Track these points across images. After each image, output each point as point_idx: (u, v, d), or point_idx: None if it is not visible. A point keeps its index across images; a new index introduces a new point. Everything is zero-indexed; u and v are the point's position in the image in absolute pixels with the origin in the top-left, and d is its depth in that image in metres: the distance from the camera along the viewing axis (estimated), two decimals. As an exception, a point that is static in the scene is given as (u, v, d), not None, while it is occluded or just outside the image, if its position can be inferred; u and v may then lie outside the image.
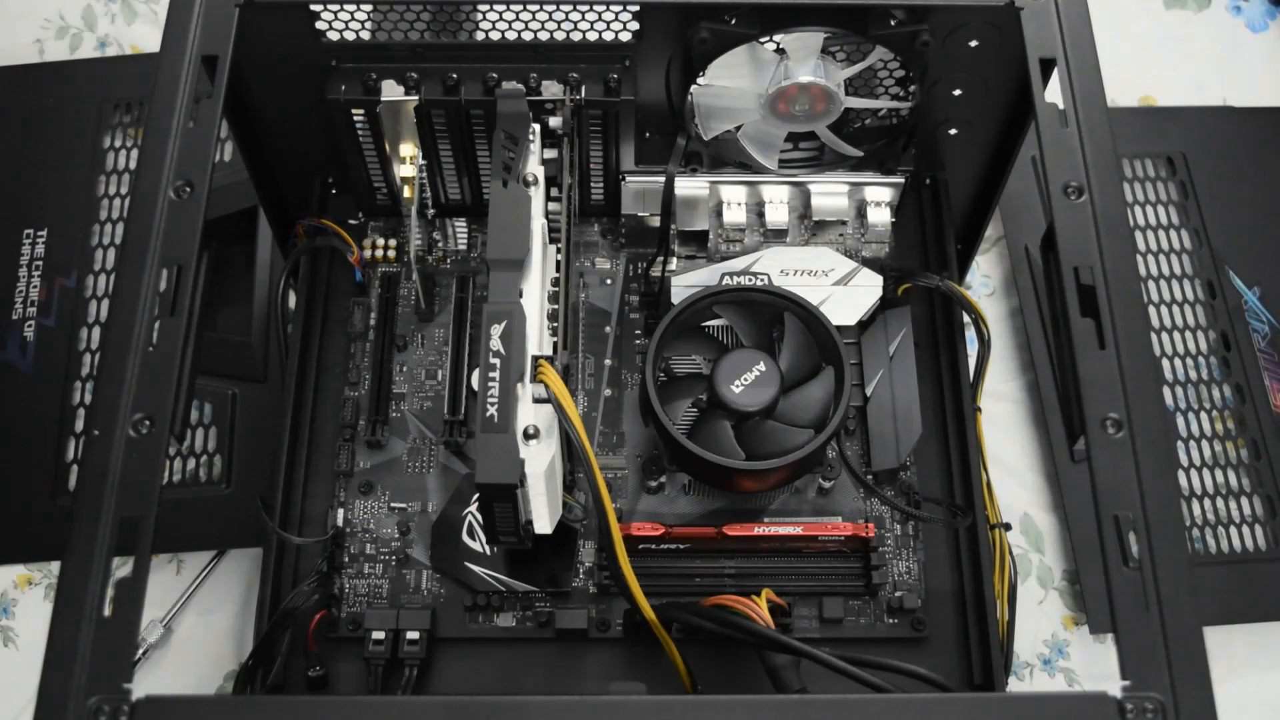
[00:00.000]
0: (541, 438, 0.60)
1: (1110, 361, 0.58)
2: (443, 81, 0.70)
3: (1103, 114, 0.64)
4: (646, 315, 0.80)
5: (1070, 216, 0.62)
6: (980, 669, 0.71)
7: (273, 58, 0.69)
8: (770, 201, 0.77)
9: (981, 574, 0.72)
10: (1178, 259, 0.96)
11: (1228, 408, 0.91)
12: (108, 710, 0.49)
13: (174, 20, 0.65)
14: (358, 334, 0.79)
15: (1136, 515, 0.54)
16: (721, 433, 0.69)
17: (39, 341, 0.91)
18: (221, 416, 0.88)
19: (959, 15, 0.67)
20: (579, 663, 0.72)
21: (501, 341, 0.60)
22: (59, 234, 0.95)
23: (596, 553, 0.73)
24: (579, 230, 0.82)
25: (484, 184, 0.79)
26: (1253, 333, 0.93)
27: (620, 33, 0.69)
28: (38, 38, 1.06)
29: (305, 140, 0.76)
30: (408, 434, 0.76)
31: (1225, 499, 0.87)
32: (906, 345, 0.77)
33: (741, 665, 0.70)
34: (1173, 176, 1.00)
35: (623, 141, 0.75)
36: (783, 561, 0.73)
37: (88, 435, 0.56)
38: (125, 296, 0.58)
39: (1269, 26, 1.09)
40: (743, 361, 0.70)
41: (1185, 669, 0.51)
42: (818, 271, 0.76)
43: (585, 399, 0.78)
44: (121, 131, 0.99)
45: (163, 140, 0.62)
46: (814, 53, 0.70)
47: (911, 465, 0.76)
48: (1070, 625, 0.85)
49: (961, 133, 0.76)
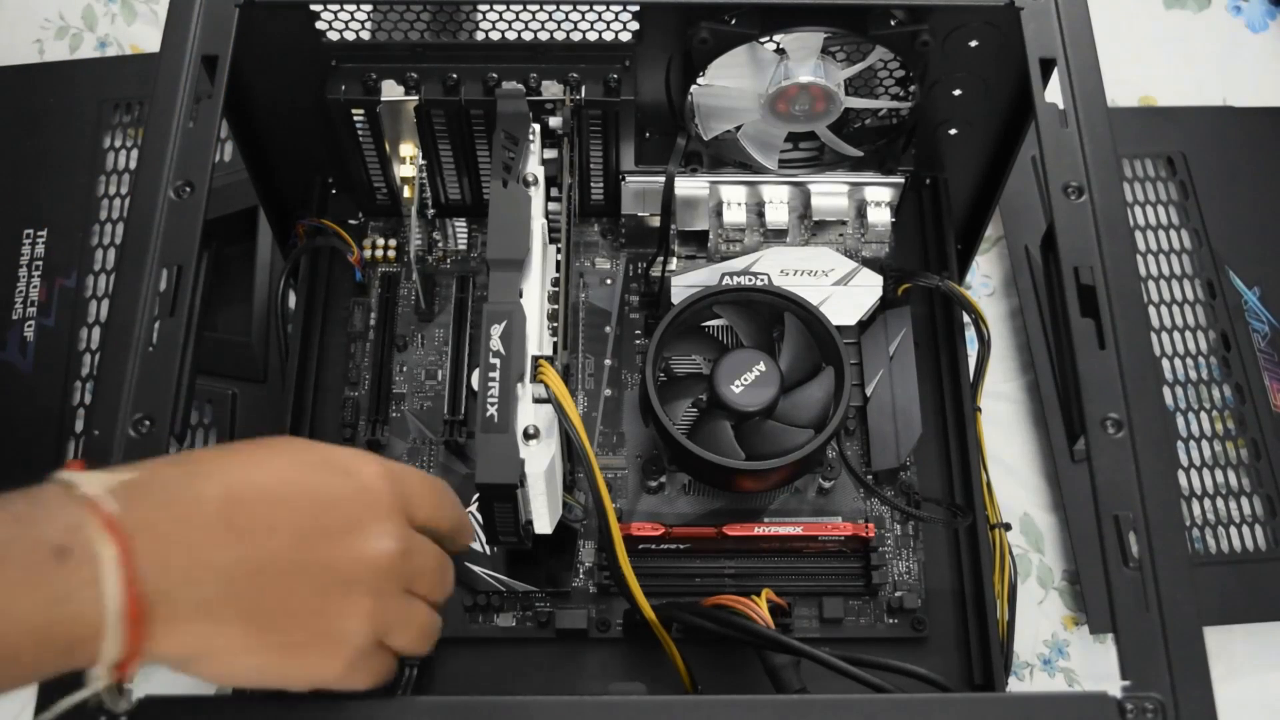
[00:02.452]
0: (541, 438, 0.60)
1: (1110, 361, 0.58)
2: (443, 81, 0.70)
3: (1103, 114, 0.64)
4: (646, 315, 0.80)
5: (1070, 216, 0.62)
6: (980, 669, 0.71)
7: (273, 58, 0.69)
8: (770, 201, 0.78)
9: (981, 574, 0.72)
10: (1178, 259, 0.96)
11: (1228, 408, 0.91)
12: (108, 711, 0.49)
13: (174, 20, 0.65)
14: (358, 334, 0.79)
15: (1136, 515, 0.54)
16: (721, 433, 0.69)
17: (39, 341, 0.91)
18: (221, 416, 0.88)
19: (959, 15, 0.67)
20: (579, 663, 0.72)
21: (501, 341, 0.60)
22: (59, 234, 0.95)
23: (596, 553, 0.73)
24: (579, 230, 0.82)
25: (484, 184, 0.79)
26: (1253, 333, 0.93)
27: (620, 33, 0.69)
28: (38, 38, 1.06)
29: (305, 140, 0.76)
30: (408, 434, 0.76)
31: (1225, 499, 0.87)
32: (906, 345, 0.77)
33: (741, 665, 0.70)
34: (1173, 176, 1.00)
35: (623, 141, 0.75)
36: (783, 561, 0.73)
37: (88, 435, 0.56)
38: (125, 296, 0.58)
39: (1269, 26, 1.09)
40: (743, 361, 0.70)
41: (1185, 669, 0.51)
42: (818, 271, 0.77)
43: (585, 399, 0.78)
44: (121, 131, 0.99)
45: (163, 140, 0.62)
46: (814, 53, 0.70)
47: (911, 465, 0.76)
48: (1070, 625, 0.85)
49: (961, 133, 0.76)
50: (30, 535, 0.42)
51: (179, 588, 0.44)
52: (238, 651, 0.46)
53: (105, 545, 0.42)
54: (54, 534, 0.42)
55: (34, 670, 0.42)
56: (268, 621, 0.46)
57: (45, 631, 0.41)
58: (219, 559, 0.45)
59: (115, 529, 0.43)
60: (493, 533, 0.62)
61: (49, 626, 0.41)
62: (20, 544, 0.42)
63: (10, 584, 0.41)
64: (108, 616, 0.42)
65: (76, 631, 0.42)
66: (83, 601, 0.42)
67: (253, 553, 0.46)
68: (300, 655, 0.48)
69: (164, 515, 0.45)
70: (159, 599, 0.43)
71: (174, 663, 0.45)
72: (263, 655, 0.47)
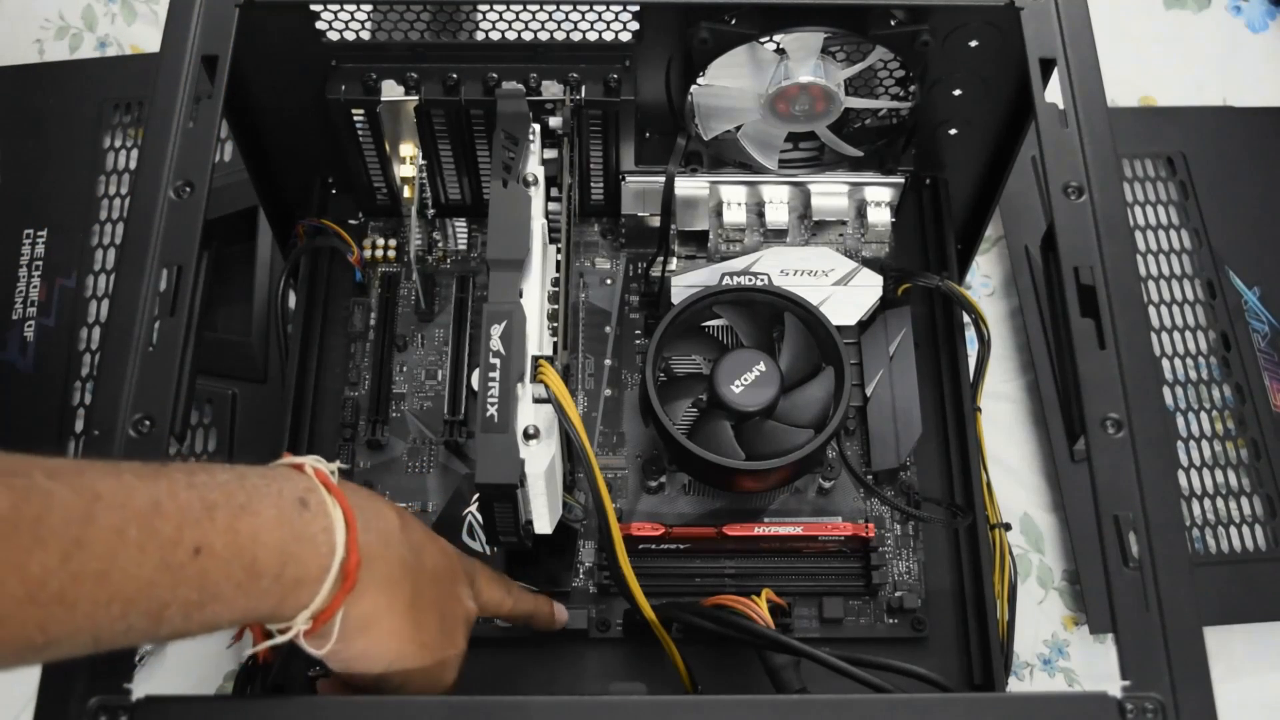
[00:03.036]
0: (541, 438, 0.60)
1: (1110, 361, 0.58)
2: (443, 81, 0.70)
3: (1103, 114, 0.64)
4: (646, 315, 0.80)
5: (1070, 216, 0.62)
6: (980, 669, 0.71)
7: (273, 58, 0.69)
8: (770, 201, 0.78)
9: (981, 574, 0.72)
10: (1178, 259, 0.96)
11: (1228, 408, 0.91)
12: (108, 710, 0.49)
13: (174, 20, 0.65)
14: (358, 334, 0.79)
15: (1136, 515, 0.54)
16: (721, 433, 0.69)
17: (39, 341, 0.91)
18: (221, 416, 0.88)
19: (959, 15, 0.67)
20: (579, 663, 0.72)
21: (501, 341, 0.60)
22: (59, 234, 0.95)
23: (596, 553, 0.73)
24: (579, 230, 0.82)
25: (484, 184, 0.79)
26: (1253, 333, 0.93)
27: (620, 33, 0.69)
28: (38, 38, 1.06)
29: (305, 140, 0.76)
30: (408, 434, 0.76)
31: (1225, 499, 0.87)
32: (906, 345, 0.77)
33: (741, 665, 0.70)
34: (1173, 176, 1.00)
35: (623, 141, 0.75)
36: (783, 561, 0.73)
37: (88, 435, 0.56)
38: (125, 296, 0.58)
39: (1269, 26, 1.09)
40: (743, 361, 0.70)
41: (1185, 669, 0.51)
42: (818, 271, 0.76)
43: (585, 399, 0.78)
44: (121, 131, 0.99)
45: (163, 140, 0.62)
46: (814, 53, 0.70)
47: (911, 465, 0.76)
48: (1070, 625, 0.85)
49: (961, 133, 0.76)
50: (278, 487, 0.50)
51: (376, 561, 0.52)
52: (392, 633, 0.54)
53: (335, 506, 0.51)
54: (296, 490, 0.50)
55: (259, 601, 0.48)
56: (418, 618, 0.55)
57: (285, 563, 0.48)
58: (400, 555, 0.54)
59: (340, 496, 0.51)
60: (493, 533, 0.62)
61: (288, 559, 0.48)
62: (271, 491, 0.49)
63: (266, 519, 0.48)
64: (335, 559, 0.49)
65: (306, 571, 0.49)
66: (318, 544, 0.49)
67: (418, 563, 0.55)
68: (429, 658, 0.56)
69: (366, 504, 0.53)
70: (366, 561, 0.51)
71: (350, 626, 0.51)
72: (407, 645, 0.54)
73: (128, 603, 0.44)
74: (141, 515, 0.44)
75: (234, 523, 0.47)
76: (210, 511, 0.46)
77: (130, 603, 0.44)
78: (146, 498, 0.45)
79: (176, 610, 0.45)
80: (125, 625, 0.44)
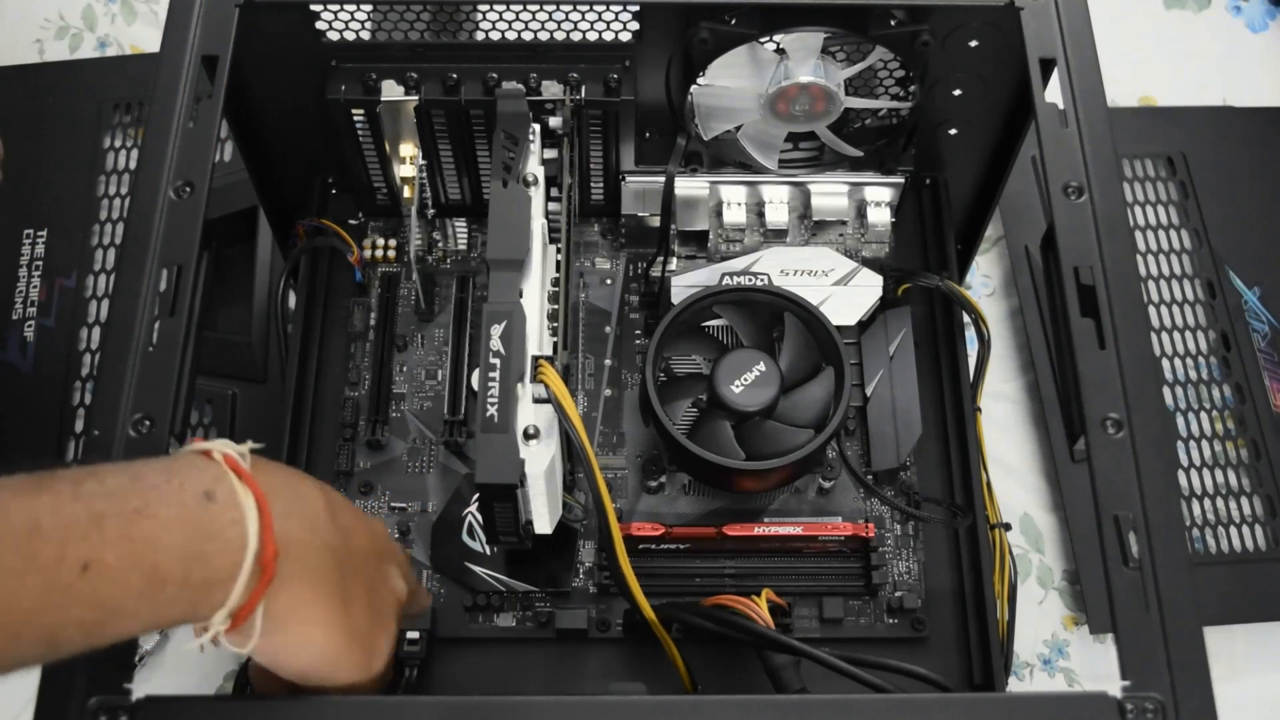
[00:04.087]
0: (541, 438, 0.60)
1: (1110, 361, 0.58)
2: (443, 81, 0.70)
3: (1103, 114, 0.64)
4: (646, 315, 0.80)
5: (1070, 216, 0.62)
6: (980, 669, 0.71)
7: (273, 58, 0.69)
8: (770, 201, 0.78)
9: (981, 574, 0.72)
10: (1178, 259, 0.96)
11: (1228, 408, 0.91)
12: (108, 710, 0.49)
13: (174, 20, 0.65)
14: (358, 334, 0.79)
15: (1136, 515, 0.54)
16: (721, 433, 0.69)
17: (39, 341, 0.91)
18: (221, 416, 0.88)
19: (959, 15, 0.67)
20: (579, 663, 0.72)
21: (501, 341, 0.60)
22: (59, 234, 0.95)
23: (596, 553, 0.73)
24: (579, 230, 0.82)
25: (484, 184, 0.79)
26: (1253, 333, 0.93)
27: (620, 33, 0.69)
28: (38, 38, 1.06)
29: (305, 140, 0.76)
30: (408, 434, 0.76)
31: (1225, 499, 0.87)
32: (906, 345, 0.77)
33: (741, 665, 0.70)
34: (1173, 176, 1.00)
35: (623, 141, 0.75)
36: (783, 561, 0.73)
37: (88, 435, 0.56)
38: (125, 296, 0.58)
39: (1269, 26, 1.09)
40: (743, 361, 0.70)
41: (1185, 669, 0.51)
42: (818, 271, 0.77)
43: (585, 399, 0.78)
44: (121, 131, 0.99)
45: (163, 140, 0.62)
46: (814, 53, 0.70)
47: (911, 465, 0.76)
48: (1070, 625, 0.85)
49: (961, 133, 0.76)
50: (179, 482, 0.47)
51: (296, 548, 0.49)
52: (319, 623, 0.51)
53: (246, 495, 0.48)
54: (201, 482, 0.47)
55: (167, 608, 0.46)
56: (345, 608, 0.52)
57: (191, 566, 0.45)
58: (325, 539, 0.51)
59: (252, 484, 0.48)
60: (493, 533, 0.62)
61: (195, 561, 0.45)
62: (171, 488, 0.46)
63: (166, 520, 0.45)
64: (247, 555, 0.47)
65: (216, 570, 0.46)
66: (227, 540, 0.46)
67: (345, 546, 0.52)
68: (358, 647, 0.53)
69: (285, 488, 0.51)
70: (285, 550, 0.48)
71: (273, 620, 0.49)
72: (335, 635, 0.51)
73: (13, 634, 0.42)
74: (18, 538, 0.42)
75: (127, 530, 0.44)
76: (98, 522, 0.44)
77: (15, 633, 0.42)
78: (24, 518, 0.42)
79: (75, 630, 0.43)
80: (18, 653, 0.42)
